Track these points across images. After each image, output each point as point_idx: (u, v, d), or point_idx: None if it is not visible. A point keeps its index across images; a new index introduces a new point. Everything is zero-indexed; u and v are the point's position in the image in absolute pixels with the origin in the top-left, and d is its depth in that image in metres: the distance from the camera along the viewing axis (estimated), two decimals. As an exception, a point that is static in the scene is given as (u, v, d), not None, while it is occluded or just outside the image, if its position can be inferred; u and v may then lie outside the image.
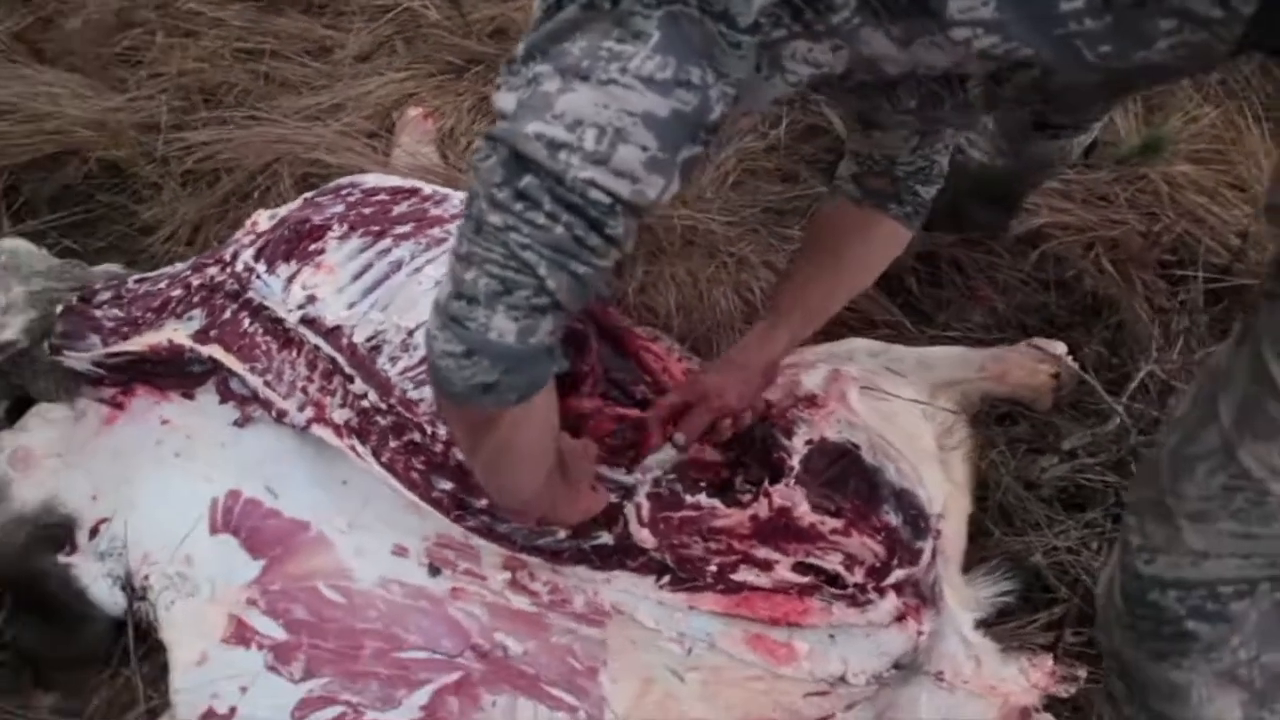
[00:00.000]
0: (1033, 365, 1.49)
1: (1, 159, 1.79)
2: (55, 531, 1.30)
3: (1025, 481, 1.40)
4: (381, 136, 1.84)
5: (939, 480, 1.34)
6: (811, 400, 1.36)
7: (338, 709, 1.17)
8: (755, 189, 1.80)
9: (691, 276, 1.64)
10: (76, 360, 1.40)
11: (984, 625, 1.26)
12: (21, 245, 1.56)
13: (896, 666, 1.21)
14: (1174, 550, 0.82)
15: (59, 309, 1.42)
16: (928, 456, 1.36)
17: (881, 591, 1.22)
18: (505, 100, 0.80)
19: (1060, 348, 1.51)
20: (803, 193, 1.78)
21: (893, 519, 1.27)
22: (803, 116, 1.91)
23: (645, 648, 1.21)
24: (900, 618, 1.22)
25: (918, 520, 1.28)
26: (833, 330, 1.55)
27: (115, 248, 1.73)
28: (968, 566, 1.32)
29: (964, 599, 1.27)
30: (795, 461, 1.29)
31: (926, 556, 1.27)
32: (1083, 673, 1.21)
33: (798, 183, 1.80)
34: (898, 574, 1.23)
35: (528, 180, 0.78)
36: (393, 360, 1.31)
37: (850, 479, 1.30)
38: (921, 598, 1.25)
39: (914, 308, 1.64)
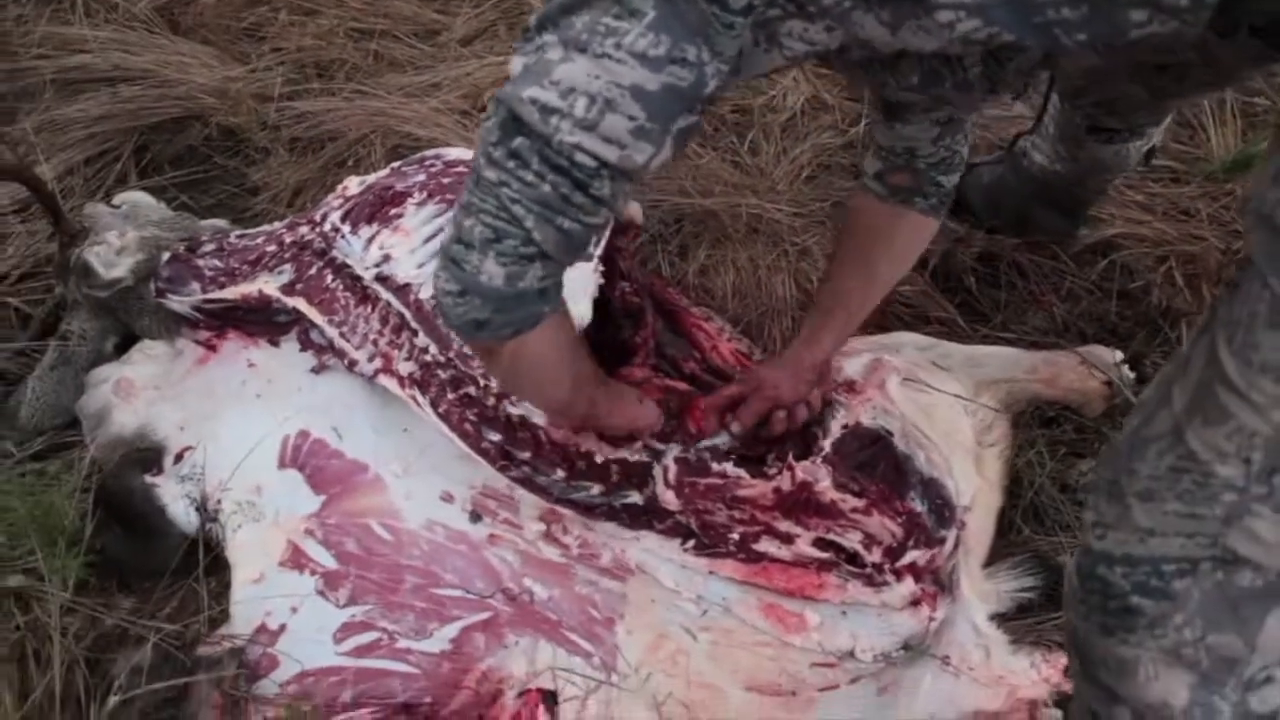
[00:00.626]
0: (1084, 370, 1.48)
1: (135, 120, 1.95)
2: (146, 454, 1.43)
3: (1061, 484, 1.39)
4: (472, 116, 1.94)
5: (970, 473, 1.35)
6: (850, 386, 1.40)
7: (375, 634, 1.26)
8: (828, 183, 1.83)
9: (752, 263, 1.68)
10: (178, 303, 1.54)
11: (1001, 618, 1.27)
12: (141, 197, 1.72)
13: (905, 647, 1.24)
14: (1122, 527, 0.84)
15: (166, 256, 1.56)
16: (962, 450, 1.38)
17: (898, 574, 1.25)
18: (515, 65, 0.88)
19: (1114, 355, 1.49)
20: (872, 189, 1.80)
21: (917, 505, 1.29)
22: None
23: (663, 605, 1.27)
24: (915, 602, 1.25)
25: (943, 509, 1.30)
26: (885, 323, 1.58)
27: (224, 205, 1.88)
28: (992, 561, 1.33)
29: (982, 591, 1.28)
30: (826, 442, 1.33)
31: (949, 545, 1.29)
32: (1099, 674, 1.21)
33: (869, 179, 1.82)
34: (912, 554, 1.25)
35: (519, 141, 0.85)
36: None
37: (880, 464, 1.33)
38: (939, 585, 1.27)
39: (971, 307, 1.64)
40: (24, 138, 1.85)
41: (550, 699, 1.21)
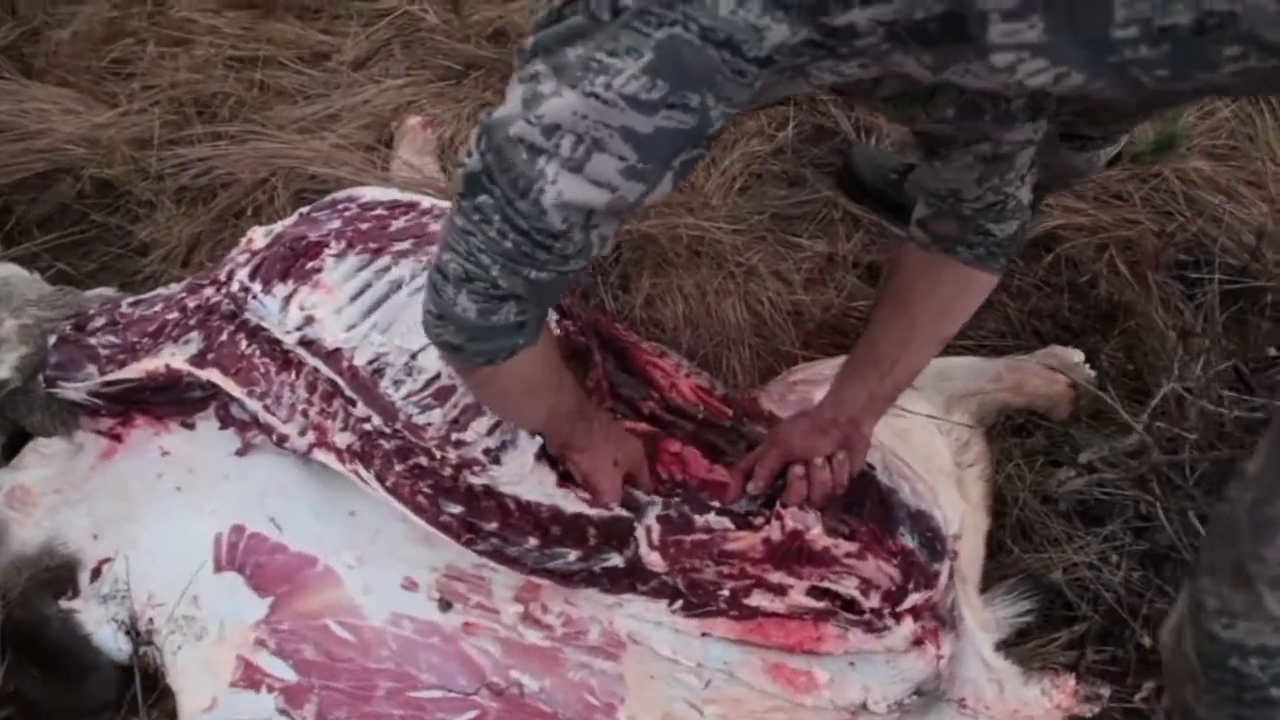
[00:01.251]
0: (1049, 374, 1.46)
1: (-8, 179, 1.75)
2: (57, 574, 1.26)
3: (1042, 496, 1.37)
4: (378, 150, 1.80)
5: (955, 499, 1.31)
6: (822, 419, 1.33)
7: (351, 753, 1.15)
8: (762, 194, 1.76)
9: (699, 289, 1.61)
10: (73, 391, 1.37)
11: (1004, 646, 1.24)
12: (14, 272, 1.52)
13: (918, 693, 1.19)
14: (1255, 616, 0.80)
15: (53, 340, 1.38)
16: (944, 475, 1.34)
17: (898, 616, 1.20)
18: (513, 95, 0.81)
19: (1076, 356, 1.48)
20: (809, 197, 1.75)
21: (908, 541, 1.25)
22: (810, 118, 1.87)
23: (663, 681, 1.19)
24: (919, 642, 1.20)
25: (934, 542, 1.26)
26: (846, 344, 1.52)
27: (109, 269, 1.69)
28: (986, 585, 1.30)
29: (983, 620, 1.25)
30: (808, 483, 1.27)
31: (943, 579, 1.25)
32: (1106, 691, 1.20)
33: (804, 187, 1.77)
34: (914, 598, 1.21)
35: (482, 199, 0.83)
36: (396, 384, 1.29)
37: (866, 501, 1.27)
38: (940, 620, 1.23)
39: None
40: None
41: (556, 802, 1.12)
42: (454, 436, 1.25)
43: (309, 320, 1.35)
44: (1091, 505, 1.38)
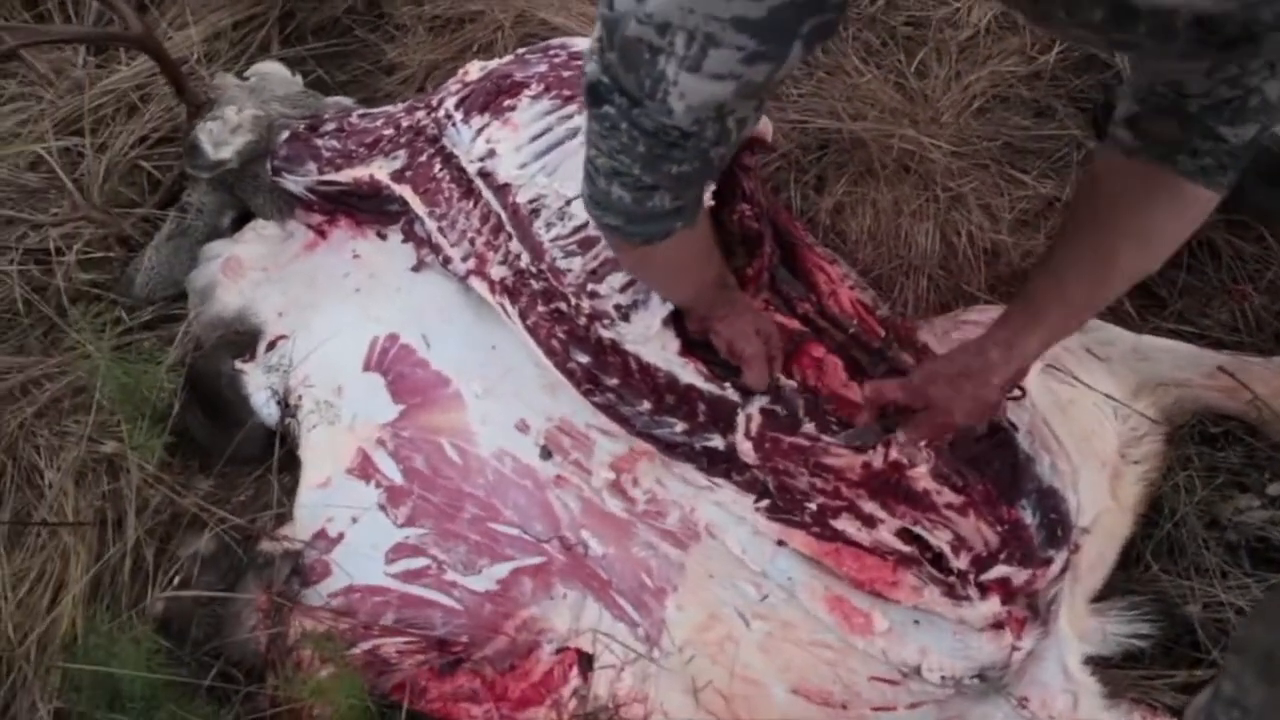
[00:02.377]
0: (1281, 385, 1.24)
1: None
2: (242, 338, 1.44)
3: (1210, 519, 1.18)
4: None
5: (1100, 491, 1.17)
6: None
7: (425, 561, 1.24)
8: (1001, 120, 1.58)
9: (896, 206, 1.49)
10: (293, 184, 1.51)
11: (1101, 664, 1.11)
12: (275, 70, 1.68)
13: (980, 676, 1.10)
14: (1270, 717, 0.65)
15: (285, 135, 1.53)
16: (1097, 462, 1.19)
17: (984, 589, 1.11)
18: None
19: (1325, 374, 1.24)
20: (1054, 133, 1.55)
21: (1026, 516, 1.14)
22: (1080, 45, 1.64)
23: (721, 583, 1.18)
24: (998, 625, 1.11)
25: (1056, 527, 1.14)
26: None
27: (358, 82, 1.82)
28: (1105, 596, 1.16)
29: (1084, 628, 1.12)
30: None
31: (1054, 569, 1.13)
32: (1207, 750, 1.04)
33: (1051, 119, 1.56)
34: (1003, 569, 1.11)
35: (605, 109, 0.82)
36: (548, 226, 1.31)
37: (995, 461, 1.17)
38: (1033, 611, 1.12)
39: (1144, 288, 1.39)
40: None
41: (587, 662, 1.16)
42: (590, 287, 1.27)
43: (490, 153, 1.40)
44: (1274, 544, 1.18)
